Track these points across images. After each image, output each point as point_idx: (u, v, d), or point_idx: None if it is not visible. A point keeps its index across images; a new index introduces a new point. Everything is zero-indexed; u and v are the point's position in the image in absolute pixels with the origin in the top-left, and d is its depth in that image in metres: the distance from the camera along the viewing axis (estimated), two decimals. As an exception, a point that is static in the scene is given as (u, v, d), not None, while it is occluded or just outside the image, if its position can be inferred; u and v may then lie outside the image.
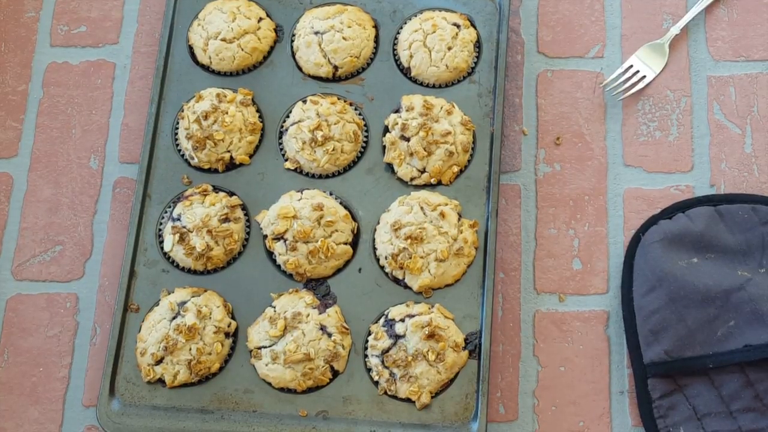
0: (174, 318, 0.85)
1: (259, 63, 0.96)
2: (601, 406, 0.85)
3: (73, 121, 0.98)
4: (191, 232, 0.87)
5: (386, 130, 0.92)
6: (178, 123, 0.93)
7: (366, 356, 0.85)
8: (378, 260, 0.88)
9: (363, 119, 0.93)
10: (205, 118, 0.91)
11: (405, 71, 0.95)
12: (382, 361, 0.83)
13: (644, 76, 0.96)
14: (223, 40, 0.95)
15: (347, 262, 0.88)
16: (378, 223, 0.89)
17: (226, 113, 0.91)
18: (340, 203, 0.89)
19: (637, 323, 0.86)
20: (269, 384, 0.84)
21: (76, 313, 0.90)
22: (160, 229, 0.89)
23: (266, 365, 0.84)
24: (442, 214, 0.87)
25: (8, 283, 0.92)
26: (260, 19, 0.97)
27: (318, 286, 0.87)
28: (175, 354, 0.83)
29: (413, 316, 0.84)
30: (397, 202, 0.89)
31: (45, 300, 0.91)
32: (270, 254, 0.88)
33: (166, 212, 0.90)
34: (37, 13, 1.02)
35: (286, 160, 0.92)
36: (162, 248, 0.89)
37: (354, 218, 0.89)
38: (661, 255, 0.86)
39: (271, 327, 0.84)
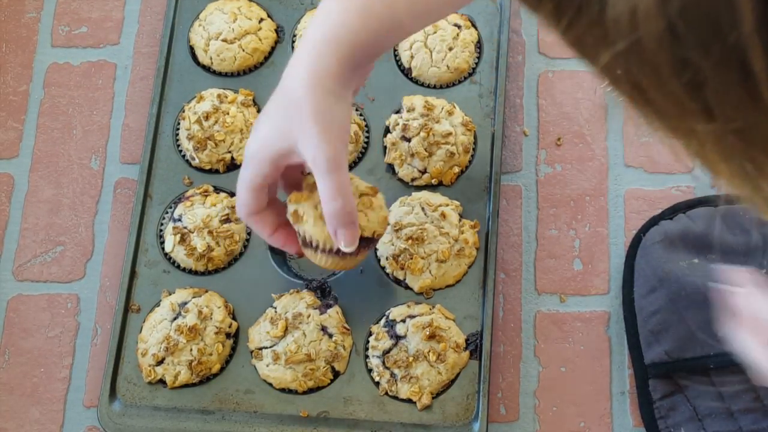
0: (175, 318, 0.85)
1: (260, 63, 0.96)
2: (602, 406, 0.85)
3: (74, 121, 0.98)
4: (192, 232, 0.88)
5: (387, 130, 0.92)
6: (179, 124, 0.93)
7: (367, 357, 0.85)
8: (379, 261, 0.88)
9: (364, 120, 0.93)
10: (206, 118, 0.91)
11: (406, 72, 0.95)
12: (383, 362, 0.83)
13: (645, 77, 0.96)
14: (224, 40, 0.95)
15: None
16: (379, 223, 0.89)
17: (227, 114, 0.91)
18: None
19: (637, 324, 0.86)
20: (270, 384, 0.84)
21: (77, 314, 0.90)
22: (161, 230, 0.90)
23: (267, 366, 0.84)
24: (443, 215, 0.87)
25: (9, 283, 0.92)
26: (261, 20, 0.97)
27: (319, 287, 0.87)
28: (176, 354, 0.83)
29: (414, 316, 0.84)
30: (398, 203, 0.89)
31: (46, 300, 0.91)
32: (272, 254, 0.88)
33: (167, 213, 0.90)
34: (38, 14, 1.02)
35: (287, 160, 0.92)
36: (163, 249, 0.89)
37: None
38: (662, 255, 0.86)
39: (272, 327, 0.84)
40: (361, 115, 0.93)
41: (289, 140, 0.70)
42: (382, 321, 0.85)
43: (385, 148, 0.91)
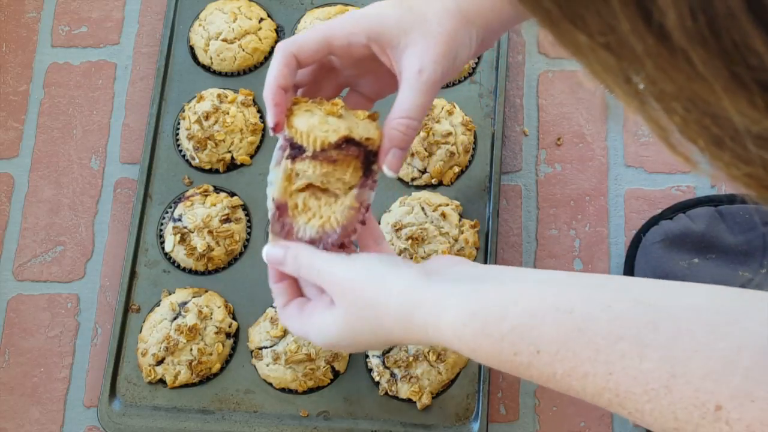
0: (175, 318, 0.85)
1: (260, 63, 0.96)
2: (602, 406, 0.85)
3: (74, 121, 0.98)
4: (192, 232, 0.88)
5: (387, 130, 0.92)
6: (179, 123, 0.93)
7: (367, 357, 0.85)
8: (379, 261, 0.88)
9: (364, 120, 0.93)
10: (206, 118, 0.91)
11: (406, 72, 0.94)
12: (383, 362, 0.83)
13: (645, 77, 0.96)
14: (224, 40, 0.95)
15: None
16: (379, 223, 0.89)
17: (227, 114, 0.91)
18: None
19: (638, 324, 0.85)
20: (270, 384, 0.84)
21: (77, 314, 0.90)
22: (161, 230, 0.90)
23: (267, 366, 0.84)
24: (443, 215, 0.87)
25: (9, 283, 0.92)
26: (261, 20, 0.97)
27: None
28: (176, 354, 0.84)
29: (414, 316, 0.84)
30: (398, 203, 0.89)
31: (46, 300, 0.91)
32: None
33: (167, 213, 0.90)
34: (38, 14, 1.02)
35: (287, 160, 0.92)
36: (163, 249, 0.89)
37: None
38: (662, 255, 0.86)
39: (272, 327, 0.84)
40: (361, 115, 0.93)
41: (398, 34, 0.65)
42: (382, 321, 0.85)
43: (385, 148, 0.91)
